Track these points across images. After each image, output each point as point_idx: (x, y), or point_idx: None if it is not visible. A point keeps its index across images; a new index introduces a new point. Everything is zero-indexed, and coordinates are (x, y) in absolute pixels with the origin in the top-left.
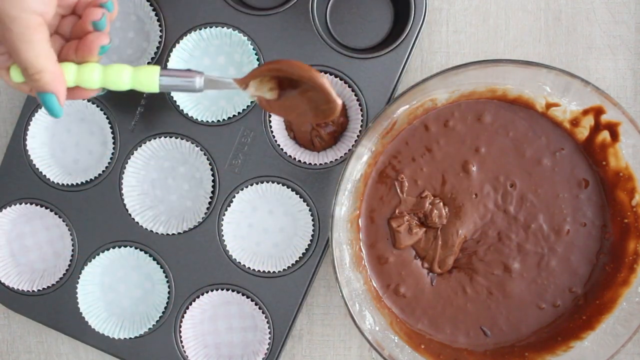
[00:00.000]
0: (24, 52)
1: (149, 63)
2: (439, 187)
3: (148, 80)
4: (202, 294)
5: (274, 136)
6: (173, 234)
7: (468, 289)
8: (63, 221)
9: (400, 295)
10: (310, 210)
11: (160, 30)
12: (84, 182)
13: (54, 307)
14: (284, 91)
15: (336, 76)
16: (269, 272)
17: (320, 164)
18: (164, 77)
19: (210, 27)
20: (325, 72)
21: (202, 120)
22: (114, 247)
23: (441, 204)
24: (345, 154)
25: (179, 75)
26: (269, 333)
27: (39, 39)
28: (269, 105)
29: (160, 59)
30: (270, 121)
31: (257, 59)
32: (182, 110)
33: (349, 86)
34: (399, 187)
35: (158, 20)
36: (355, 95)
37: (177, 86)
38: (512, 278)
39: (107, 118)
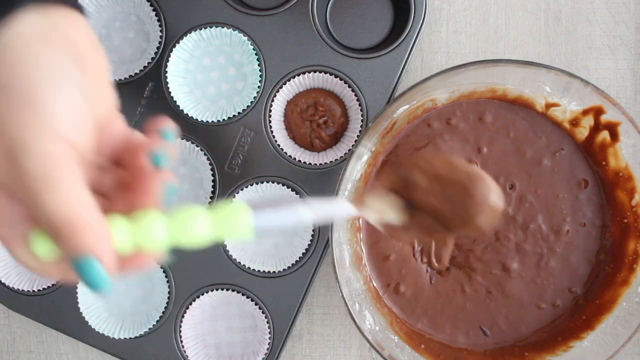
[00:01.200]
0: (46, 198)
1: (149, 63)
2: None
3: (236, 226)
4: (202, 294)
5: (274, 136)
6: None
7: (467, 288)
8: None
9: (400, 294)
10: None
11: (160, 30)
12: None
13: (54, 307)
14: (411, 208)
15: (336, 76)
16: (269, 272)
17: (320, 164)
18: (259, 216)
19: (210, 27)
20: (326, 72)
21: (202, 120)
22: None
23: None
24: (345, 154)
25: (277, 211)
26: (269, 333)
27: (68, 177)
28: (399, 231)
29: (160, 59)
30: (270, 121)
31: (257, 59)
32: (182, 110)
33: (349, 86)
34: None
35: (158, 20)
36: (355, 95)
37: (277, 225)
38: (511, 278)
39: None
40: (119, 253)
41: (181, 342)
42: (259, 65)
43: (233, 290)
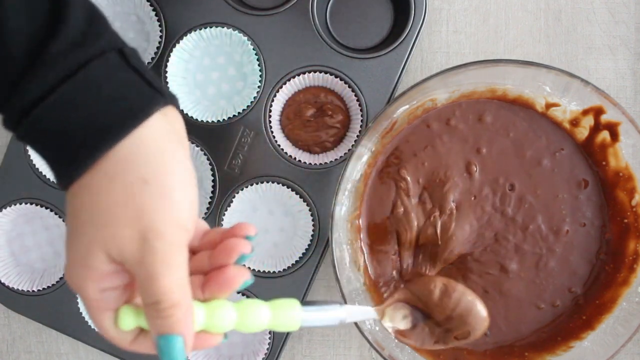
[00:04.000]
0: (162, 277)
1: (148, 63)
2: (440, 186)
3: (289, 319)
4: None
5: (274, 136)
6: None
7: None
8: (63, 221)
9: None
10: (310, 210)
11: (160, 30)
12: None
13: (54, 307)
14: (418, 317)
15: (336, 76)
16: (269, 272)
17: (320, 164)
18: (307, 313)
19: (210, 27)
20: (326, 72)
21: (202, 120)
22: None
23: (438, 220)
24: (345, 154)
25: (322, 311)
26: (269, 333)
27: (182, 262)
28: (404, 335)
29: (160, 59)
30: (270, 121)
31: (257, 59)
32: (182, 110)
33: (349, 86)
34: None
35: (158, 20)
36: (355, 95)
37: (319, 324)
38: (509, 278)
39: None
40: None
41: None
42: (259, 65)
43: None
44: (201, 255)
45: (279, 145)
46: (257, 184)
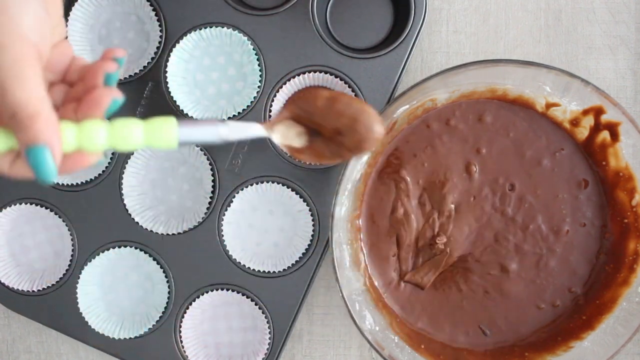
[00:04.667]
0: (13, 90)
1: (148, 63)
2: (439, 188)
3: (164, 135)
4: (202, 294)
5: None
6: (173, 234)
7: (462, 287)
8: (63, 221)
9: (400, 291)
10: (310, 210)
11: (160, 30)
12: (84, 182)
13: (54, 307)
14: (312, 135)
15: (336, 76)
16: (269, 272)
17: (321, 164)
18: (183, 129)
19: (210, 27)
20: (326, 72)
21: None
22: (114, 247)
23: (436, 222)
24: None
25: (200, 125)
26: (269, 333)
27: (33, 74)
28: (299, 152)
29: (160, 59)
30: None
31: (257, 59)
32: (182, 110)
33: (349, 86)
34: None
35: (158, 20)
36: (355, 95)
37: (199, 139)
38: (509, 278)
39: (107, 118)
40: (64, 150)
41: (181, 342)
42: (259, 65)
43: (233, 291)
44: (78, 86)
45: (279, 145)
46: (257, 184)
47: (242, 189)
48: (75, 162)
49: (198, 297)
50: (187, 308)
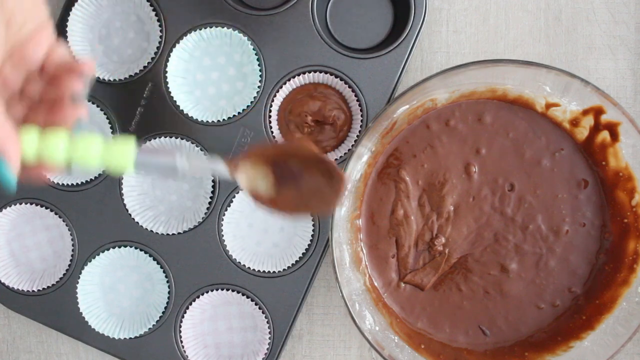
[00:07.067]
0: None
1: (148, 63)
2: (438, 189)
3: (121, 156)
4: (202, 294)
5: (274, 136)
6: (173, 234)
7: (462, 287)
8: (63, 221)
9: (400, 291)
10: None
11: (160, 30)
12: (84, 182)
13: (54, 307)
14: (280, 183)
15: (336, 76)
16: (269, 272)
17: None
18: (142, 154)
19: (210, 27)
20: (326, 72)
21: (202, 120)
22: (114, 247)
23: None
24: (345, 153)
25: (159, 155)
26: (269, 333)
27: None
28: (264, 200)
29: (160, 59)
30: (270, 121)
31: (257, 59)
32: (182, 110)
33: (349, 86)
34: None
35: (158, 20)
36: (355, 95)
37: (156, 166)
38: (509, 278)
39: (107, 118)
40: (24, 159)
41: (181, 342)
42: (259, 65)
43: (233, 290)
44: (51, 89)
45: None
46: None
47: (242, 189)
48: (35, 172)
49: (198, 297)
50: (187, 308)
